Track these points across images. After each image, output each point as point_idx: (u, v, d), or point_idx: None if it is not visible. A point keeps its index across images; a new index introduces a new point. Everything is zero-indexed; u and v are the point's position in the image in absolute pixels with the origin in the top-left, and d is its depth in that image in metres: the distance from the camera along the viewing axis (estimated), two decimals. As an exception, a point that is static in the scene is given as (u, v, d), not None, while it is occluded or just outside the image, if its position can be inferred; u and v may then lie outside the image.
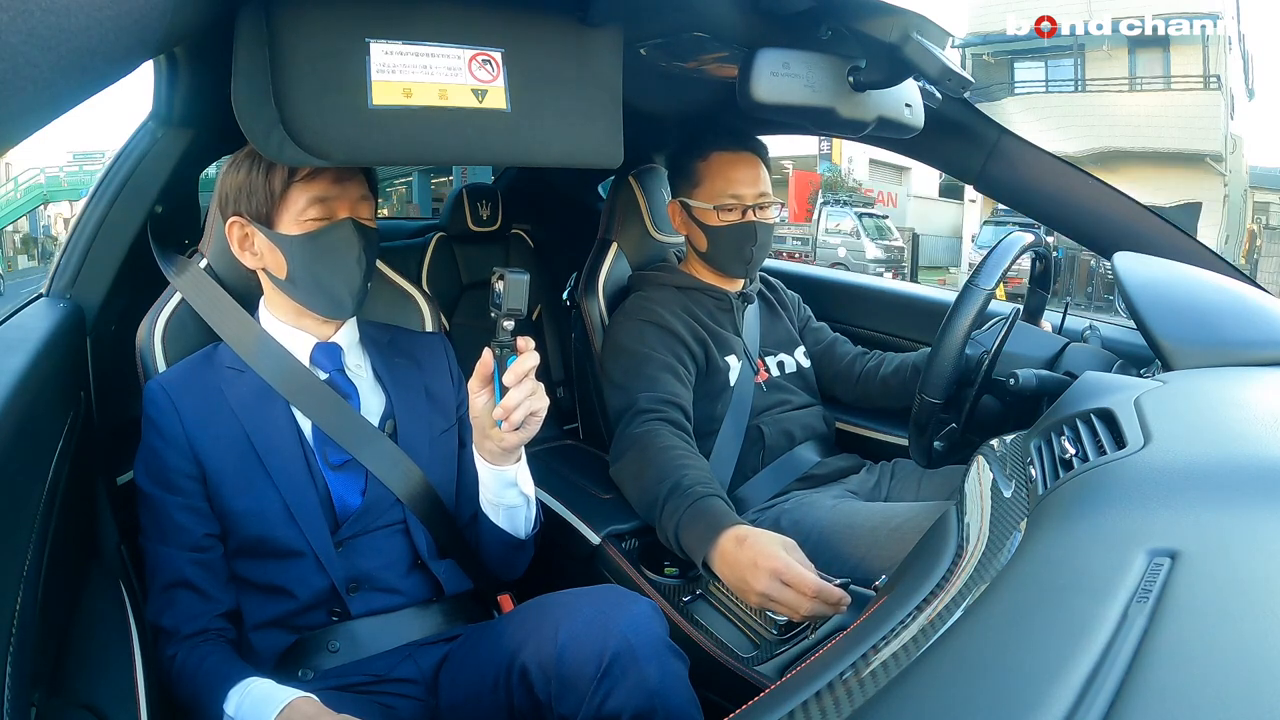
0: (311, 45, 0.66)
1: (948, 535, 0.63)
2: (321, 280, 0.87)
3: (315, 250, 0.85)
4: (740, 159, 1.27)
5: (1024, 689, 0.35)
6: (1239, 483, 0.50)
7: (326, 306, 0.89)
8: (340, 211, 0.86)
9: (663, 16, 0.87)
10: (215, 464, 0.84)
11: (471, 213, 1.73)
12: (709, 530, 0.93)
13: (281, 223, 0.84)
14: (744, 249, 1.27)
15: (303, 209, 0.84)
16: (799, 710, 0.44)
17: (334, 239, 0.85)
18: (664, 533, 1.01)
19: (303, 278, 0.86)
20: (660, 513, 1.00)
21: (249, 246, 0.87)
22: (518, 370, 0.79)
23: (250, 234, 0.87)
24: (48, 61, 0.33)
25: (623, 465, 1.12)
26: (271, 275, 0.88)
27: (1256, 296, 0.96)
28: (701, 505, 0.97)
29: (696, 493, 0.98)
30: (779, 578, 0.85)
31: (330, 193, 0.85)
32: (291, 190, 0.83)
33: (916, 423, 0.97)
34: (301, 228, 0.84)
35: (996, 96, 13.15)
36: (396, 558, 0.90)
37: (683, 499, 0.98)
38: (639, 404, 1.15)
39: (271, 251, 0.86)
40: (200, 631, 0.81)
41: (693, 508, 0.97)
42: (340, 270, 0.86)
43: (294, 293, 0.88)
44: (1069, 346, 1.05)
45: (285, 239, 0.84)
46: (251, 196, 0.84)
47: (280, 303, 0.90)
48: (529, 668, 0.77)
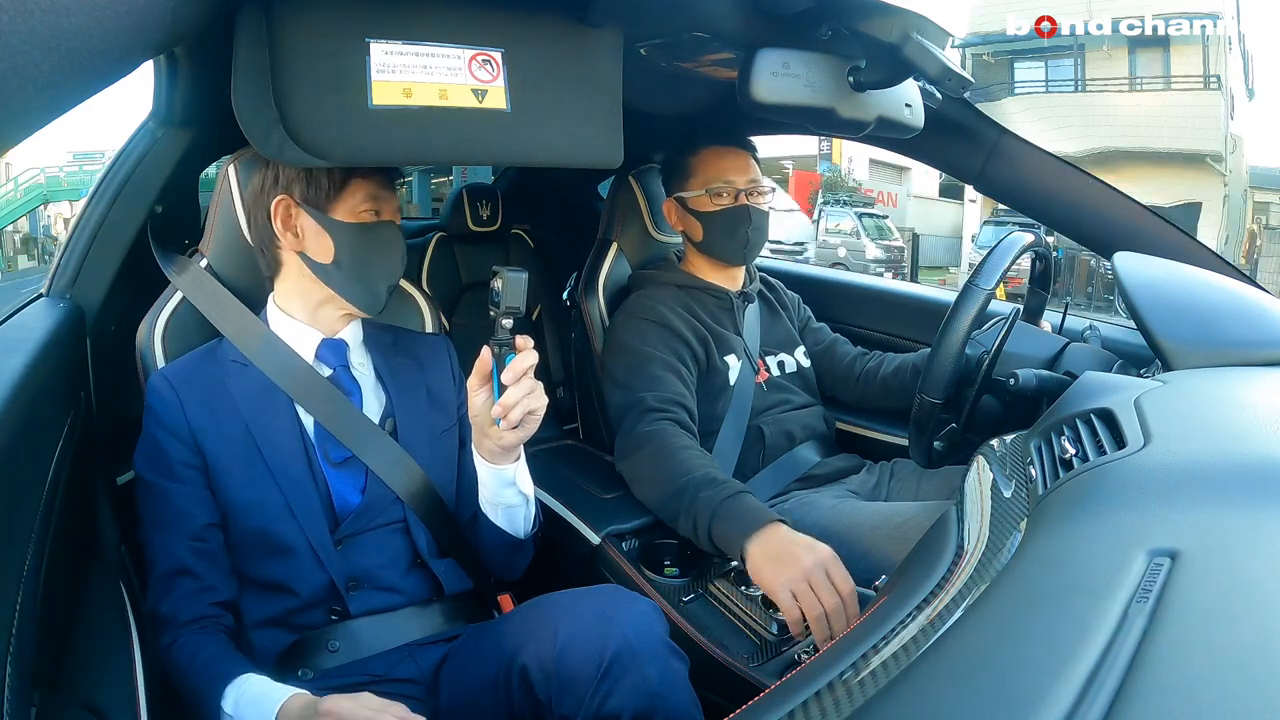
0: (311, 45, 0.66)
1: (948, 535, 0.63)
2: (367, 270, 0.88)
3: (366, 241, 0.87)
4: (729, 151, 1.31)
5: (1024, 689, 0.35)
6: (1239, 483, 0.50)
7: (362, 298, 0.89)
8: (386, 213, 0.89)
9: (663, 16, 0.87)
10: (217, 456, 0.84)
11: (471, 213, 1.73)
12: (754, 518, 0.96)
13: (337, 211, 0.86)
14: (740, 231, 1.28)
15: (360, 201, 0.86)
16: (799, 710, 0.44)
17: (384, 235, 0.89)
18: (689, 522, 1.02)
19: (350, 265, 0.87)
20: (689, 504, 1.02)
21: (291, 229, 0.87)
22: (516, 369, 0.79)
23: (296, 214, 0.87)
24: (48, 61, 0.33)
25: (635, 462, 1.12)
26: (309, 259, 0.88)
27: (1256, 296, 0.96)
28: (744, 499, 1.00)
29: (735, 487, 1.02)
30: (826, 567, 0.90)
31: (382, 193, 0.88)
32: (353, 182, 0.86)
33: (916, 423, 0.97)
34: (357, 218, 0.87)
35: (996, 96, 13.15)
36: (396, 556, 0.90)
37: (720, 490, 1.01)
38: (646, 403, 1.16)
39: (318, 235, 0.86)
40: (198, 618, 0.81)
41: (734, 499, 0.99)
42: (385, 265, 0.90)
43: (334, 279, 0.88)
44: (1069, 346, 1.05)
45: (339, 225, 0.86)
46: (313, 181, 0.85)
47: (300, 292, 0.90)
48: (529, 668, 0.77)
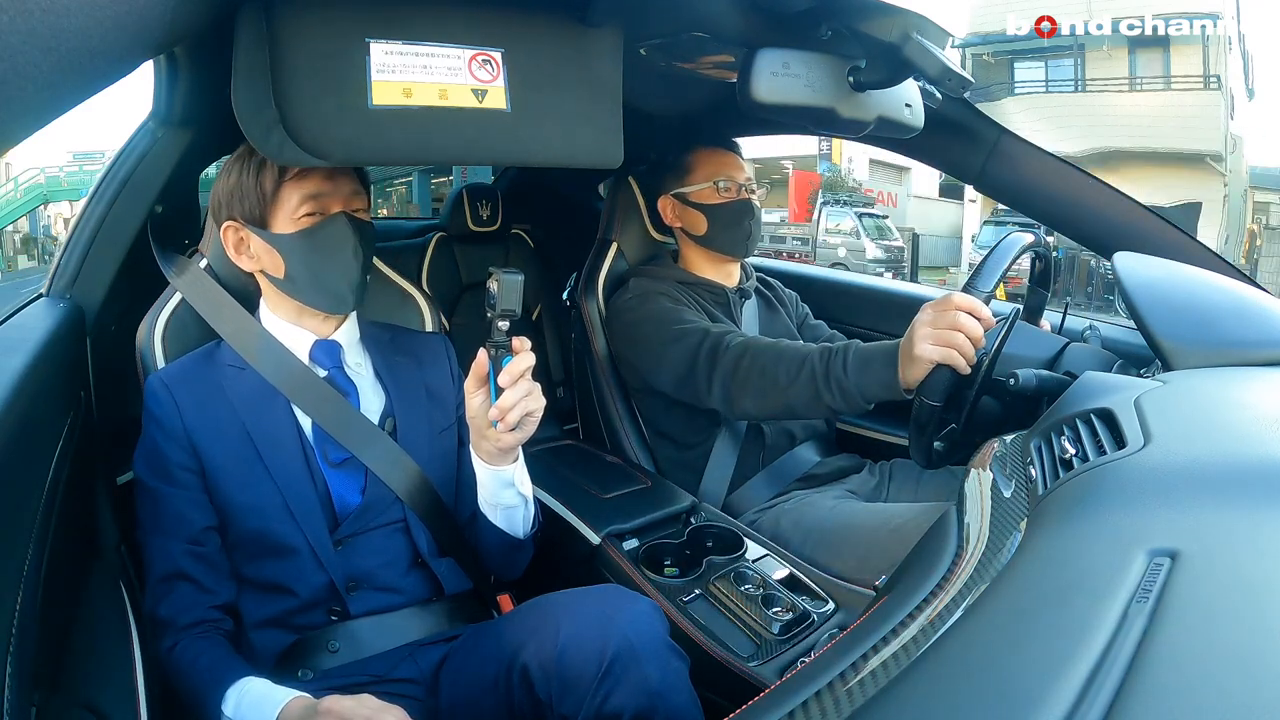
0: (311, 45, 0.66)
1: (948, 535, 0.63)
2: (320, 276, 0.87)
3: (311, 246, 0.85)
4: (721, 150, 1.35)
5: (1024, 689, 0.35)
6: (1239, 483, 0.50)
7: (327, 302, 0.89)
8: (333, 207, 0.86)
9: (663, 16, 0.87)
10: (214, 459, 0.84)
11: (471, 213, 1.73)
12: (887, 348, 0.99)
13: (276, 223, 0.85)
14: (744, 223, 1.31)
15: (295, 207, 0.84)
16: (799, 710, 0.44)
17: (329, 234, 0.85)
18: (834, 387, 1.03)
19: (301, 275, 0.86)
20: (823, 374, 1.03)
21: (245, 250, 0.87)
22: (513, 371, 0.79)
23: (245, 237, 0.87)
24: (48, 61, 0.33)
25: (741, 376, 1.11)
26: (270, 277, 0.88)
27: (1256, 296, 0.96)
28: (858, 346, 1.03)
29: (845, 344, 1.05)
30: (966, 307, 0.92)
31: (322, 189, 0.85)
32: (283, 189, 0.84)
33: (916, 423, 0.97)
34: (296, 225, 0.85)
35: (996, 96, 13.15)
36: (396, 556, 0.90)
37: (840, 351, 1.03)
38: (709, 333, 1.17)
39: (268, 253, 0.86)
40: (197, 622, 0.81)
41: (857, 352, 1.02)
42: (337, 264, 0.87)
43: (294, 291, 0.88)
44: (1069, 346, 1.05)
45: (280, 238, 0.85)
46: (244, 199, 0.84)
47: (281, 303, 0.90)
48: (530, 667, 0.77)
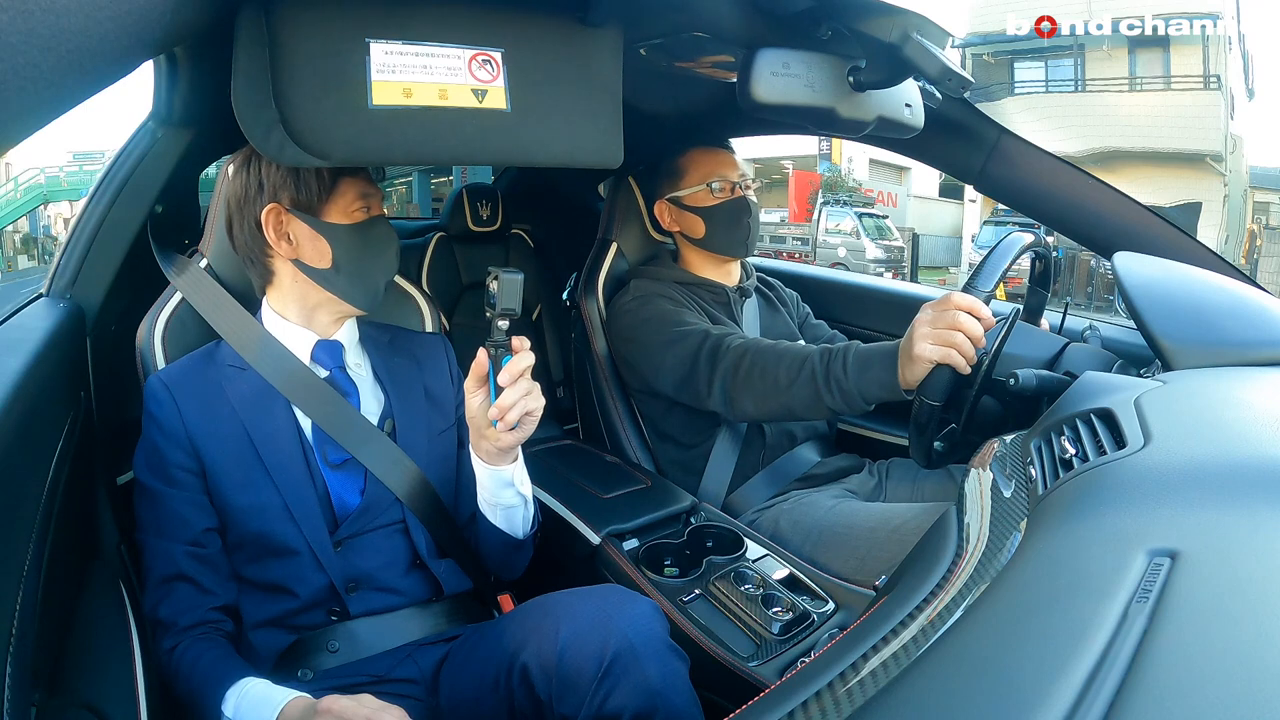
0: (311, 45, 0.66)
1: (948, 535, 0.63)
2: (366, 271, 0.89)
3: (364, 241, 0.87)
4: (714, 149, 1.35)
5: (1024, 689, 0.35)
6: (1239, 483, 0.50)
7: (364, 298, 0.90)
8: (376, 208, 0.89)
9: (663, 16, 0.87)
10: (214, 459, 0.84)
11: (471, 213, 1.74)
12: (887, 348, 0.99)
13: (330, 213, 0.86)
14: (742, 222, 1.31)
15: (351, 201, 0.86)
16: (799, 710, 0.44)
17: (379, 232, 0.89)
18: (834, 388, 1.03)
19: (347, 267, 0.87)
20: (823, 376, 1.04)
21: (284, 236, 0.87)
22: (512, 370, 0.79)
23: (288, 221, 0.86)
24: (48, 61, 0.33)
25: (741, 378, 1.11)
26: (305, 266, 0.87)
27: (1256, 296, 0.96)
28: (858, 346, 1.03)
29: (845, 345, 1.05)
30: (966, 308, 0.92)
31: (369, 190, 0.88)
32: (341, 182, 0.86)
33: (916, 423, 0.97)
34: (350, 218, 0.87)
35: (996, 96, 13.15)
36: (396, 557, 0.90)
37: (839, 352, 1.04)
38: (709, 334, 1.17)
39: (314, 241, 0.86)
40: (197, 624, 0.81)
41: (856, 353, 1.02)
42: (382, 263, 0.90)
43: (331, 283, 0.88)
44: (1069, 346, 1.05)
45: (334, 228, 0.86)
46: (301, 185, 0.84)
47: (294, 297, 0.90)
48: (530, 667, 0.77)
